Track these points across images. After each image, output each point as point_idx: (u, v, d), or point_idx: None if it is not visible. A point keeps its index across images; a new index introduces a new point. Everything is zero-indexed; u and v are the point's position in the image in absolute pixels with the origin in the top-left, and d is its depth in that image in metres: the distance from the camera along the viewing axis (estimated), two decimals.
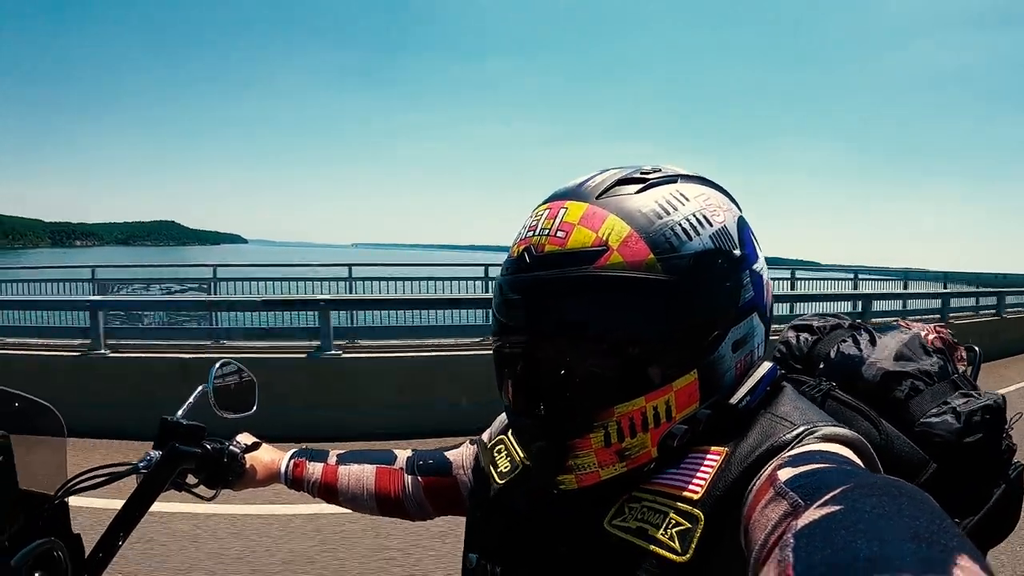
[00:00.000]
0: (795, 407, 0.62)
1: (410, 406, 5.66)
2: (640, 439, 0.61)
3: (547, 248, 0.61)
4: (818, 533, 0.38)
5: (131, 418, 4.64)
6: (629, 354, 0.60)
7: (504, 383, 0.68)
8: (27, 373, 5.78)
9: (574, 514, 0.64)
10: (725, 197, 0.68)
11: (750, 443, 0.58)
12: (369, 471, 1.02)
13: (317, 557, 3.36)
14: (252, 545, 3.48)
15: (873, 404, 0.74)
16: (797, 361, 0.88)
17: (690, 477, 0.59)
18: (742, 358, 0.64)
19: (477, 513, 0.78)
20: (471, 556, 0.73)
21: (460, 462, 0.99)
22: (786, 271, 14.70)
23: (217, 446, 1.00)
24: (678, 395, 0.60)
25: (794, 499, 0.45)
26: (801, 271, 15.21)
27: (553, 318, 0.61)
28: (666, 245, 0.60)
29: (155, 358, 5.95)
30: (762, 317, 0.67)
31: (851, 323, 0.90)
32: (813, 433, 0.56)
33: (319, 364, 5.86)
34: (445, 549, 3.33)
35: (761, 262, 0.67)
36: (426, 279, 11.58)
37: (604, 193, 0.63)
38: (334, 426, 5.35)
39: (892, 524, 0.36)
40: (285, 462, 1.05)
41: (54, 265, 13.41)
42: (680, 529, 0.55)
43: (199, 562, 3.27)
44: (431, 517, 1.03)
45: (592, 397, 0.61)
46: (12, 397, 0.89)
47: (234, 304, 7.41)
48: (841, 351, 0.81)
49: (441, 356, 6.14)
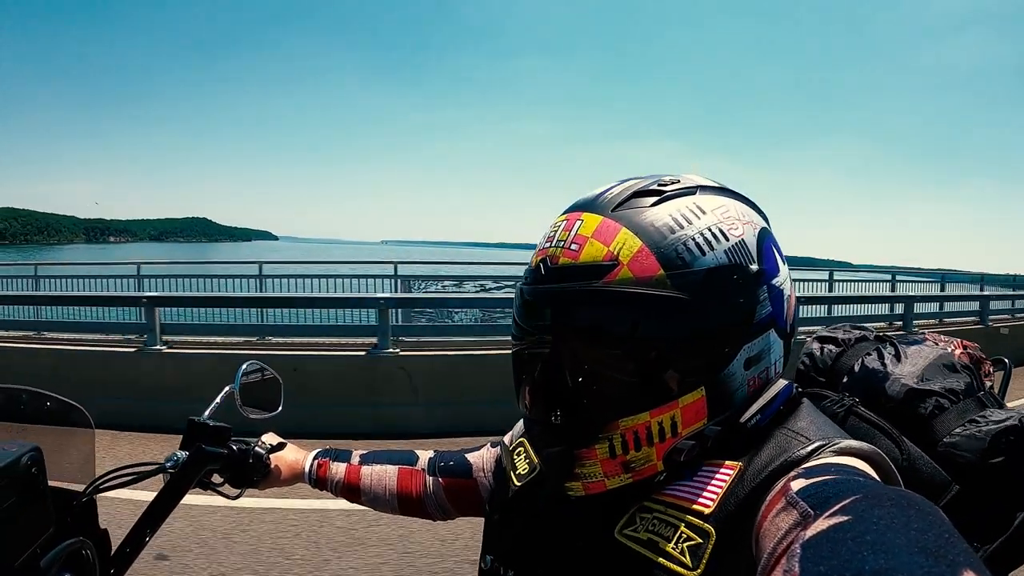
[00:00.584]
0: (812, 422, 0.61)
1: (469, 403, 5.68)
2: (645, 452, 0.61)
3: (561, 260, 0.62)
4: (825, 544, 0.39)
5: (188, 413, 4.76)
6: (633, 369, 0.60)
7: (520, 387, 0.69)
8: (84, 368, 5.99)
9: (585, 520, 0.64)
10: (748, 208, 0.66)
11: (764, 458, 0.57)
12: (391, 471, 1.04)
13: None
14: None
15: (896, 421, 0.72)
16: (820, 374, 0.85)
17: (702, 491, 0.58)
18: (756, 375, 0.63)
19: (495, 516, 0.78)
20: (487, 557, 0.74)
21: (480, 464, 1.00)
22: (824, 272, 14.23)
23: (242, 447, 1.02)
24: (684, 411, 0.60)
25: (804, 509, 0.46)
26: (838, 272, 14.73)
27: (562, 330, 0.63)
28: (677, 261, 0.59)
29: (209, 354, 6.08)
30: (781, 333, 0.65)
31: (877, 335, 0.87)
32: (829, 447, 0.55)
33: (377, 361, 5.94)
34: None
35: (782, 276, 0.65)
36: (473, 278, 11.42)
37: (620, 206, 0.63)
38: (391, 422, 5.53)
39: (900, 536, 0.37)
40: (309, 462, 1.07)
41: (100, 262, 13.71)
42: (691, 544, 0.55)
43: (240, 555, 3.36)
44: (452, 518, 1.04)
45: (598, 409, 0.62)
46: (44, 397, 0.92)
47: (293, 300, 7.55)
48: (865, 365, 0.79)
49: (501, 355, 6.09)
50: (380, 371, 5.92)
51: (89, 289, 10.59)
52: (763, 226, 0.66)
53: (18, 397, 0.90)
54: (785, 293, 0.65)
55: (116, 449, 4.87)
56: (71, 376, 5.70)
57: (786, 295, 0.65)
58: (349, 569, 3.23)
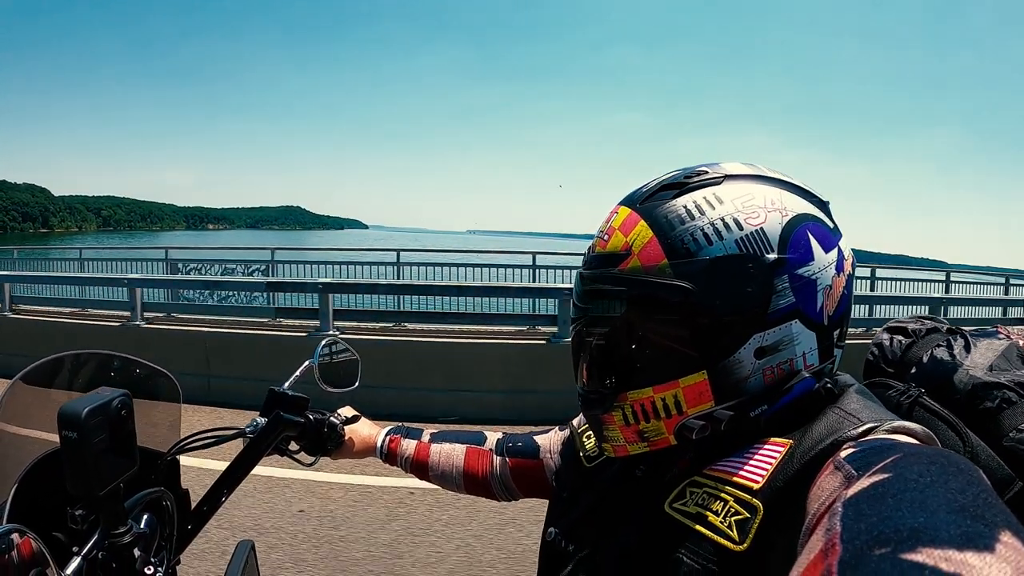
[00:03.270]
0: (865, 405, 0.61)
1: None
2: (655, 425, 0.65)
3: (596, 249, 0.69)
4: (865, 501, 0.40)
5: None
6: (634, 349, 0.65)
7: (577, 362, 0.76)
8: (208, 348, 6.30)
9: (638, 496, 0.67)
10: (786, 195, 0.66)
11: (815, 437, 0.58)
12: (459, 450, 1.06)
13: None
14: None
15: (963, 414, 0.69)
16: (889, 365, 0.82)
17: (752, 467, 0.59)
18: (774, 366, 0.63)
19: (564, 493, 0.81)
20: (551, 530, 0.76)
21: (548, 446, 1.01)
22: (939, 273, 13.05)
23: (319, 416, 1.07)
24: (686, 392, 0.63)
25: (848, 471, 0.48)
26: (928, 271, 13.61)
27: (588, 311, 0.70)
28: (683, 250, 0.62)
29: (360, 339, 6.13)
30: (810, 324, 0.64)
31: (949, 327, 0.83)
32: (881, 428, 0.56)
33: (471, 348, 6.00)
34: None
35: (818, 265, 0.64)
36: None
37: (646, 198, 0.67)
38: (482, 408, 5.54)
39: (939, 495, 0.38)
40: (382, 437, 1.11)
41: (238, 246, 13.98)
42: (739, 518, 0.56)
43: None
44: (517, 498, 1.06)
45: (608, 381, 0.68)
46: (134, 364, 1.00)
47: (430, 288, 7.56)
48: (934, 356, 0.77)
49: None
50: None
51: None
52: (799, 213, 0.65)
53: (109, 363, 0.98)
54: (822, 283, 0.64)
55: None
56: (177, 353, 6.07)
57: (823, 285, 0.64)
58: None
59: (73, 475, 0.65)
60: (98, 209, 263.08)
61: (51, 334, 6.78)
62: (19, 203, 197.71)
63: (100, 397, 0.66)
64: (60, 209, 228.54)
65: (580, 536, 0.71)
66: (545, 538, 0.77)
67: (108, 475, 0.67)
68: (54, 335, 6.74)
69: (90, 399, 0.65)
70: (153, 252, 12.24)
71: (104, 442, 0.66)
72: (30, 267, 12.04)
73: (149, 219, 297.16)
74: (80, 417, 0.63)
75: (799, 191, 0.67)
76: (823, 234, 0.65)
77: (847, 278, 0.67)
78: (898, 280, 11.78)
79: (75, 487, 0.66)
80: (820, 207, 0.67)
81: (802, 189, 0.68)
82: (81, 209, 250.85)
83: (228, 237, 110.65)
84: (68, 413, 0.64)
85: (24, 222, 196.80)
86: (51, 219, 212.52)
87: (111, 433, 0.66)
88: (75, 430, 0.63)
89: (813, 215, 0.65)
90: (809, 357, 0.64)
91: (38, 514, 0.80)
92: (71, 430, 0.63)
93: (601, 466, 0.78)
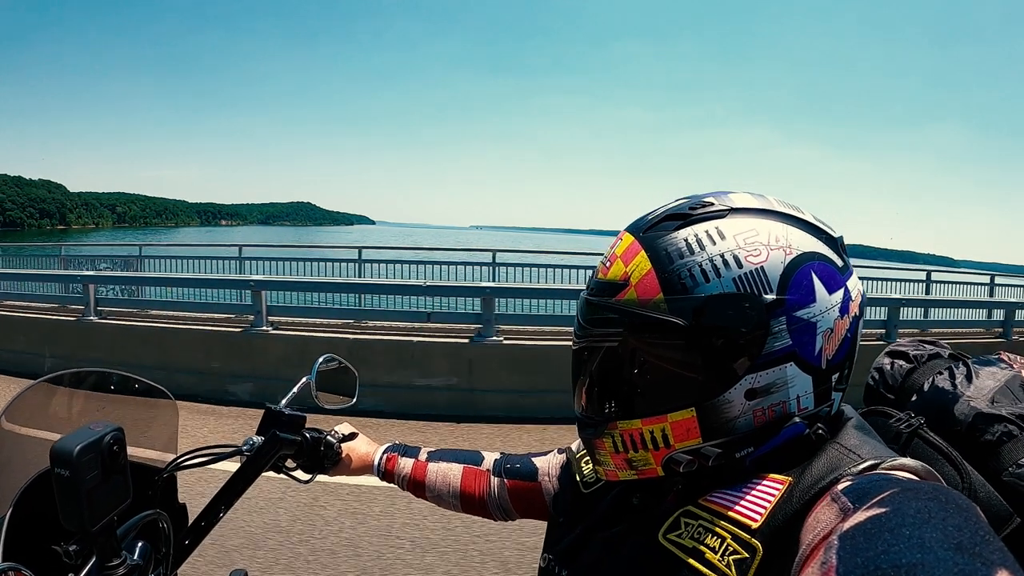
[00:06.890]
0: (864, 440, 0.61)
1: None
2: (643, 455, 0.65)
3: (599, 275, 0.68)
4: (861, 535, 0.40)
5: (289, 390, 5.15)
6: (624, 381, 0.66)
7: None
8: (191, 347, 6.59)
9: (634, 525, 0.66)
10: (793, 232, 0.63)
11: (815, 474, 0.57)
12: (456, 470, 1.06)
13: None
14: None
15: (962, 446, 0.69)
16: (890, 390, 0.81)
17: (751, 504, 0.58)
18: (765, 407, 0.61)
19: (560, 518, 0.80)
20: (546, 555, 0.76)
21: (546, 469, 1.01)
22: (983, 277, 12.90)
23: (315, 435, 1.07)
24: (674, 427, 0.63)
25: (844, 503, 0.48)
26: (936, 272, 13.12)
27: (586, 335, 0.69)
28: (678, 286, 0.61)
29: (312, 336, 6.50)
30: (806, 367, 0.61)
31: (951, 353, 0.82)
32: (882, 467, 0.55)
33: (481, 348, 6.26)
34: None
35: (820, 307, 0.61)
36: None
37: (650, 227, 0.66)
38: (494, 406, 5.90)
39: (936, 532, 0.37)
40: (379, 455, 1.11)
41: (298, 244, 13.78)
42: (737, 558, 0.54)
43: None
44: (513, 519, 1.05)
45: (603, 408, 0.69)
46: (132, 380, 1.01)
47: (404, 288, 7.74)
48: (935, 384, 0.76)
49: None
50: (483, 356, 6.24)
51: (204, 272, 11.02)
52: (805, 252, 0.62)
53: (108, 379, 1.00)
54: (822, 326, 0.61)
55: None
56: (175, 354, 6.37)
57: (823, 328, 0.62)
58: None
59: (66, 512, 0.65)
60: (112, 205, 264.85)
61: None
62: (36, 199, 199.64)
63: (92, 433, 0.66)
64: (77, 205, 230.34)
65: (574, 563, 0.71)
66: (540, 564, 0.77)
67: (101, 510, 0.67)
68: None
69: (82, 435, 0.66)
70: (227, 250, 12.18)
71: (96, 478, 0.66)
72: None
73: (164, 215, 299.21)
74: (72, 455, 0.63)
75: (808, 227, 0.65)
76: (829, 274, 0.63)
77: (852, 320, 0.64)
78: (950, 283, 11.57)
79: (68, 523, 0.66)
80: (830, 244, 0.65)
81: (811, 225, 0.65)
82: (96, 205, 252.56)
83: (246, 233, 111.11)
84: (60, 451, 0.64)
85: (41, 218, 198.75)
86: (68, 215, 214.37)
87: (103, 469, 0.67)
88: (67, 468, 0.63)
89: (820, 253, 0.63)
90: (804, 400, 0.62)
91: (34, 531, 0.81)
92: (63, 468, 0.63)
93: (598, 493, 0.77)
